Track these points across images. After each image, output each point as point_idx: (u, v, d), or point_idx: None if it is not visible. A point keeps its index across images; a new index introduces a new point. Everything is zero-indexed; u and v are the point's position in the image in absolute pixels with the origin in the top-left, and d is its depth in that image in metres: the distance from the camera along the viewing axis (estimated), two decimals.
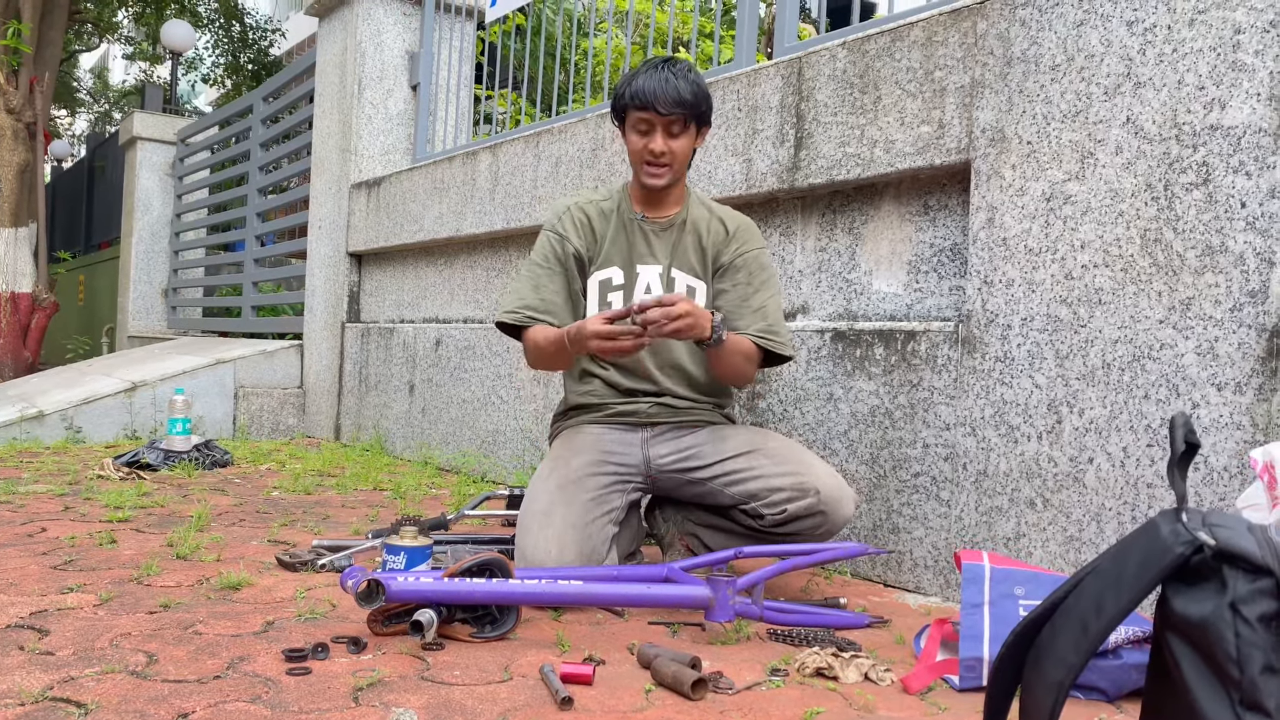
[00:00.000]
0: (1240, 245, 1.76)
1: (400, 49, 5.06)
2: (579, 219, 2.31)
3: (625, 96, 2.17)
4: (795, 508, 2.07)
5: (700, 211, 2.30)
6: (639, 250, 2.28)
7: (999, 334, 2.13)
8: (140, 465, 3.74)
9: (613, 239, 2.29)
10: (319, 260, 5.38)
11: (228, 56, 14.47)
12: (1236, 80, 1.78)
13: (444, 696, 1.48)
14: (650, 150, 2.17)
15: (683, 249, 2.27)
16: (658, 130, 2.16)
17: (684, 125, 2.17)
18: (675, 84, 2.12)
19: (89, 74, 27.05)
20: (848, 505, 2.09)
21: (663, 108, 2.12)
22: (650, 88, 2.12)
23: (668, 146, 2.16)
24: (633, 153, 2.22)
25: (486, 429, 3.89)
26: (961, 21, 2.24)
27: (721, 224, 2.28)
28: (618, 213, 2.31)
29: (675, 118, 2.14)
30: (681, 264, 2.27)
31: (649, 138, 2.17)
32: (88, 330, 10.52)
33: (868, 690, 1.58)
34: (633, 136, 2.20)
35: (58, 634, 1.71)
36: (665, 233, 2.28)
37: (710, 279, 2.27)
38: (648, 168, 2.19)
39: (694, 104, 2.15)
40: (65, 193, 13.87)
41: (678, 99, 2.12)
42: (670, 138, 2.17)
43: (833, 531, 2.11)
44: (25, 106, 8.65)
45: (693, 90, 2.14)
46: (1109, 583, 0.87)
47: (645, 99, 2.13)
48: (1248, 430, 1.74)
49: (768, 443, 2.19)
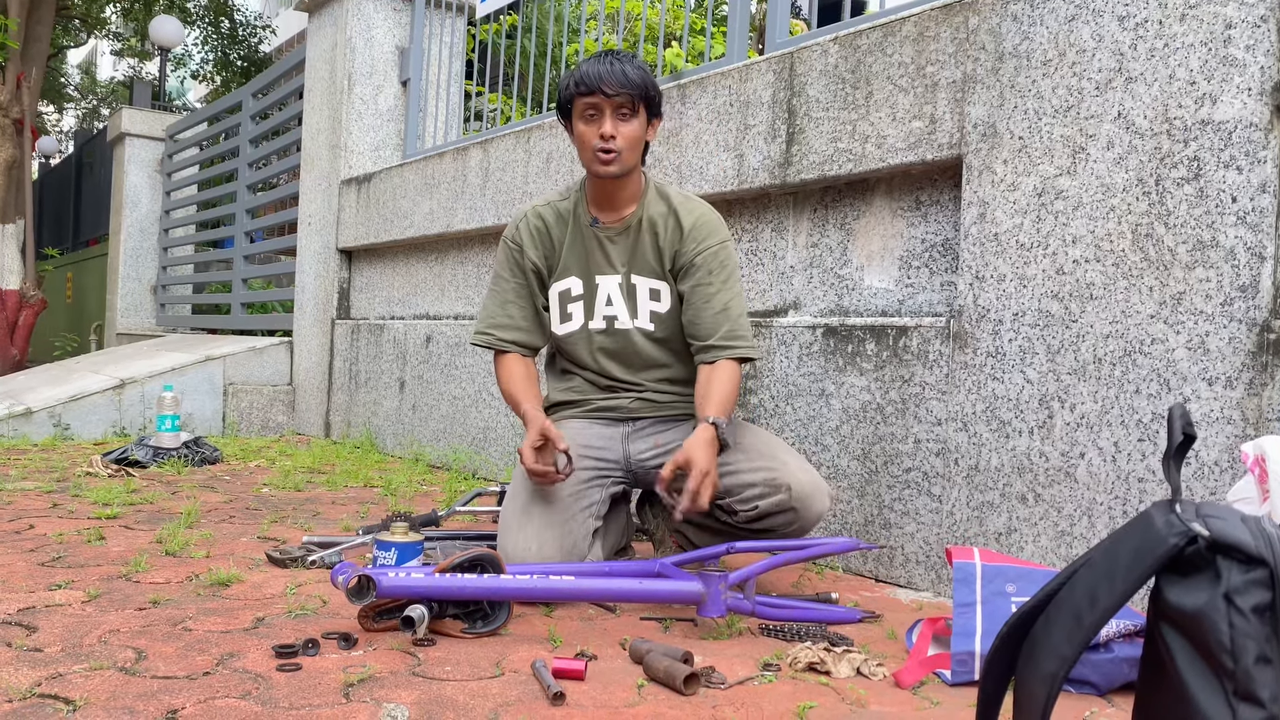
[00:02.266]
0: (1231, 240, 1.76)
1: (390, 44, 5.04)
2: (536, 227, 2.27)
3: (570, 85, 2.12)
4: (766, 504, 2.04)
5: (658, 208, 2.22)
6: (596, 260, 2.23)
7: (990, 329, 2.13)
8: (129, 462, 3.72)
9: (570, 247, 2.25)
10: (309, 257, 5.36)
11: (217, 53, 14.40)
12: (1228, 75, 1.78)
13: (435, 692, 1.47)
14: (600, 134, 2.09)
15: (641, 252, 2.21)
16: (606, 114, 2.09)
17: (633, 109, 2.10)
18: (621, 67, 2.09)
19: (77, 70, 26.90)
20: (820, 501, 2.05)
21: (609, 88, 2.07)
22: (595, 71, 2.08)
23: (617, 130, 2.09)
24: (582, 143, 2.14)
25: (477, 426, 3.88)
26: (953, 16, 2.24)
27: (677, 221, 2.19)
28: (574, 217, 2.25)
29: (623, 99, 2.08)
30: (641, 269, 2.21)
31: (597, 123, 2.10)
32: (76, 327, 10.47)
33: (860, 685, 1.58)
34: (580, 125, 2.13)
35: (46, 630, 1.69)
36: (621, 237, 2.22)
37: (670, 277, 2.21)
38: (599, 155, 2.11)
39: (641, 86, 2.10)
40: (53, 189, 13.80)
41: (624, 80, 2.08)
42: (620, 121, 2.10)
43: (805, 529, 2.07)
44: (12, 102, 8.60)
45: (639, 74, 2.10)
46: (1102, 574, 0.87)
47: (591, 82, 2.08)
48: (1238, 425, 1.74)
49: (744, 438, 2.15)
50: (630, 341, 2.23)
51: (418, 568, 1.86)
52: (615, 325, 2.23)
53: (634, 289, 2.22)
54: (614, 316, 2.23)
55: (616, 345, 2.24)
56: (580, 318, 2.25)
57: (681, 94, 2.95)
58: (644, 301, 2.22)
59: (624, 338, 2.23)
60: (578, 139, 2.15)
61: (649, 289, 2.22)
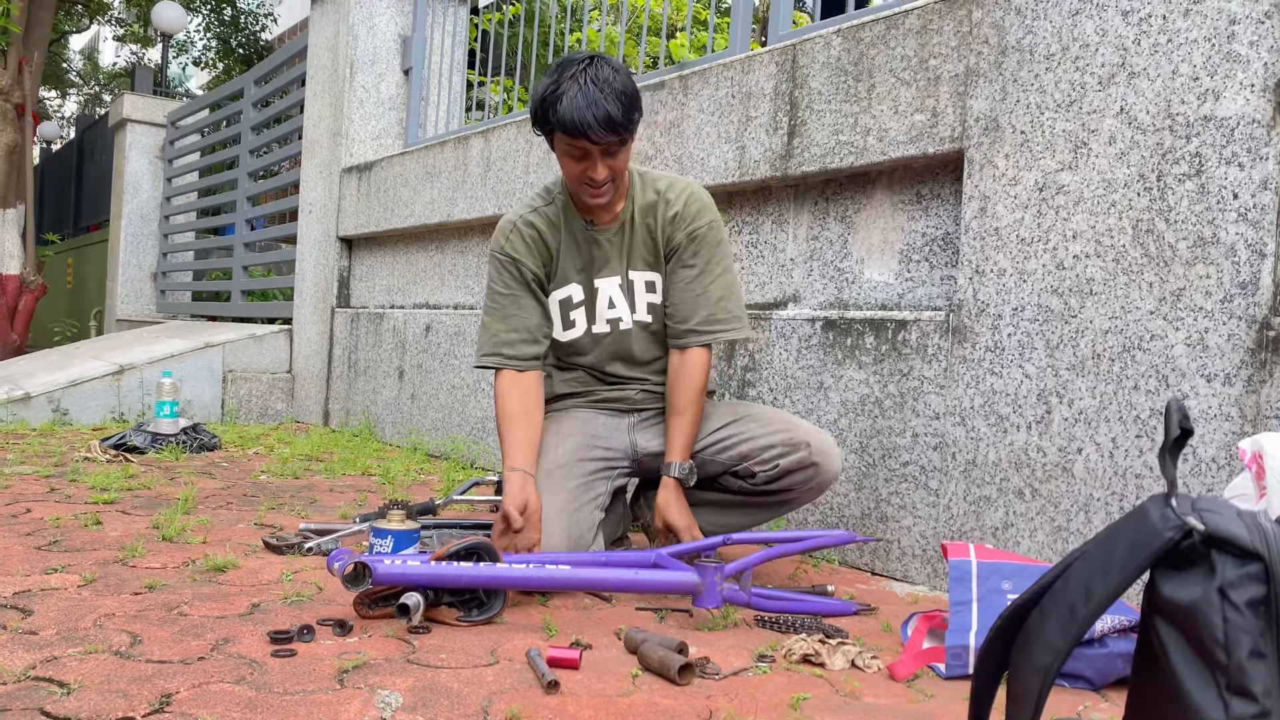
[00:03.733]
0: (1232, 236, 1.76)
1: (393, 33, 5.03)
2: (530, 236, 2.20)
3: (552, 121, 1.98)
4: (787, 462, 2.08)
5: (648, 197, 2.18)
6: (596, 263, 2.20)
7: (990, 324, 2.13)
8: (127, 448, 3.72)
9: (565, 252, 2.21)
10: (309, 245, 5.36)
11: (219, 40, 14.38)
12: (1231, 71, 1.77)
13: (430, 679, 1.47)
14: (590, 178, 2.02)
15: (636, 247, 2.19)
16: (595, 157, 2.00)
17: (621, 143, 2.01)
18: (605, 107, 1.94)
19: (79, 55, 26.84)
20: (836, 459, 2.11)
21: (597, 137, 1.95)
22: (579, 117, 1.93)
23: (608, 168, 2.02)
24: (570, 176, 2.07)
25: (476, 415, 3.88)
26: (957, 10, 2.23)
27: (668, 205, 2.16)
28: (564, 221, 2.20)
29: (611, 143, 1.99)
30: (636, 263, 2.20)
31: (586, 163, 2.02)
32: (76, 313, 10.46)
33: (854, 677, 1.58)
34: (567, 161, 2.04)
35: (41, 614, 1.69)
36: (617, 236, 2.19)
37: (664, 266, 2.20)
38: (588, 189, 2.05)
39: (627, 123, 1.98)
40: (54, 175, 13.79)
41: (610, 125, 1.95)
42: (609, 158, 2.01)
43: (824, 485, 2.12)
44: (14, 87, 8.59)
45: (623, 107, 1.97)
46: (1097, 567, 0.87)
47: (577, 129, 1.94)
48: (1236, 421, 1.74)
49: (749, 410, 2.22)
50: (631, 339, 2.23)
51: (414, 555, 1.86)
52: (619, 327, 2.23)
53: (632, 285, 2.22)
54: (617, 319, 2.23)
55: (620, 345, 2.24)
56: (583, 323, 2.24)
57: (683, 85, 2.95)
58: (641, 295, 2.22)
59: (625, 338, 2.23)
60: (563, 165, 2.07)
61: (645, 282, 2.22)
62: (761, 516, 2.25)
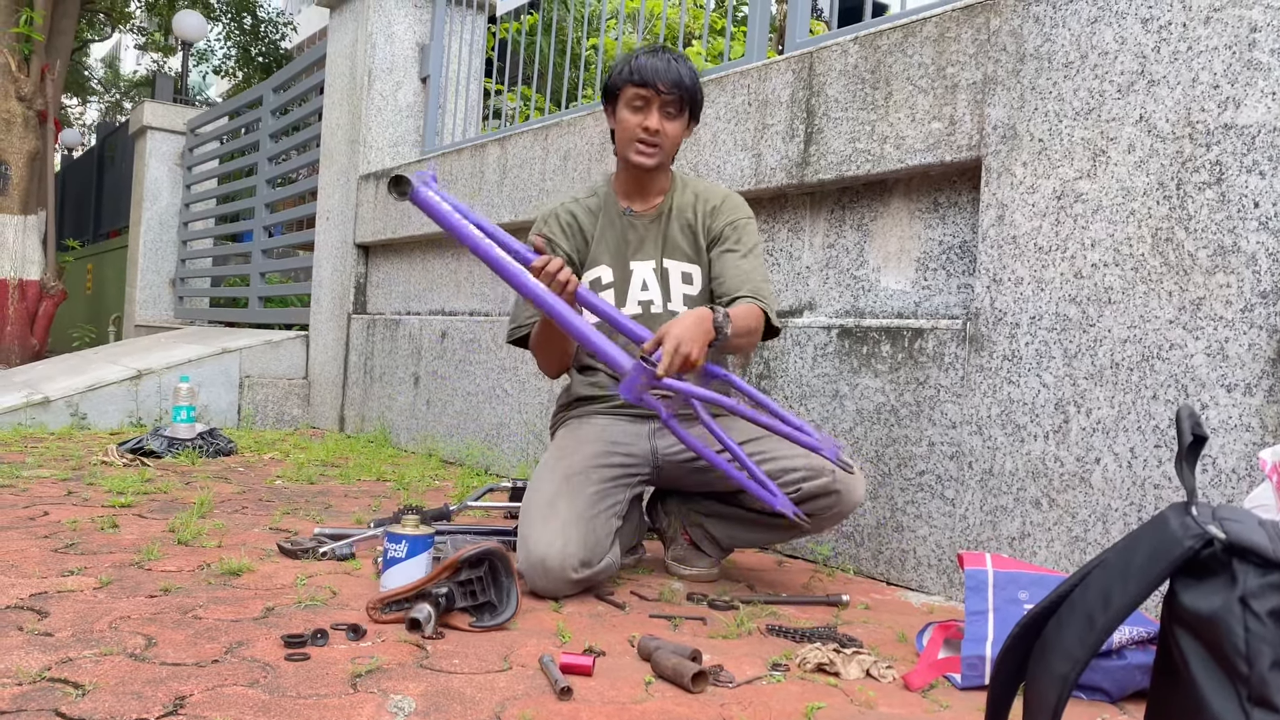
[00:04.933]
0: (1253, 245, 1.74)
1: (411, 41, 5.05)
2: (566, 221, 2.31)
3: (624, 73, 2.17)
4: (811, 486, 2.07)
5: (686, 196, 2.29)
6: (631, 246, 2.27)
7: (1007, 332, 2.12)
8: (144, 452, 3.74)
9: (601, 237, 2.28)
10: (326, 251, 5.38)
11: (239, 48, 14.49)
12: (1251, 79, 1.76)
13: (443, 684, 1.47)
14: (645, 127, 2.16)
15: (673, 237, 2.27)
16: (654, 108, 2.16)
17: (679, 109, 2.18)
18: (676, 67, 2.15)
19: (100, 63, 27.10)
20: (860, 487, 2.10)
21: (663, 86, 2.14)
22: (652, 65, 2.14)
23: (662, 126, 2.17)
24: (624, 130, 2.20)
25: (491, 422, 3.89)
26: (975, 18, 2.23)
27: (707, 201, 2.28)
28: (604, 209, 2.30)
29: (673, 98, 2.15)
30: (673, 253, 2.26)
31: (644, 114, 2.17)
32: (94, 319, 10.54)
33: (869, 686, 1.57)
34: (626, 113, 2.18)
35: (57, 615, 1.70)
36: (654, 224, 2.27)
37: (704, 256, 2.26)
38: (639, 145, 2.18)
39: (691, 89, 2.18)
40: (75, 181, 13.90)
41: (677, 80, 2.15)
42: (666, 119, 2.17)
43: (845, 513, 2.11)
44: (36, 94, 8.66)
45: (691, 76, 2.17)
46: (1116, 576, 0.86)
47: (646, 76, 2.14)
48: (1257, 432, 1.72)
49: None
50: (661, 325, 2.23)
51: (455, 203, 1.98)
52: (651, 310, 2.24)
53: (667, 273, 2.26)
54: (650, 301, 2.25)
55: (651, 329, 2.24)
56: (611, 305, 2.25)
57: None
58: (677, 285, 2.25)
59: (657, 323, 2.23)
60: (620, 124, 2.21)
61: (681, 273, 2.25)
62: (780, 536, 2.25)
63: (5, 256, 8.59)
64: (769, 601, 2.06)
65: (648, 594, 2.09)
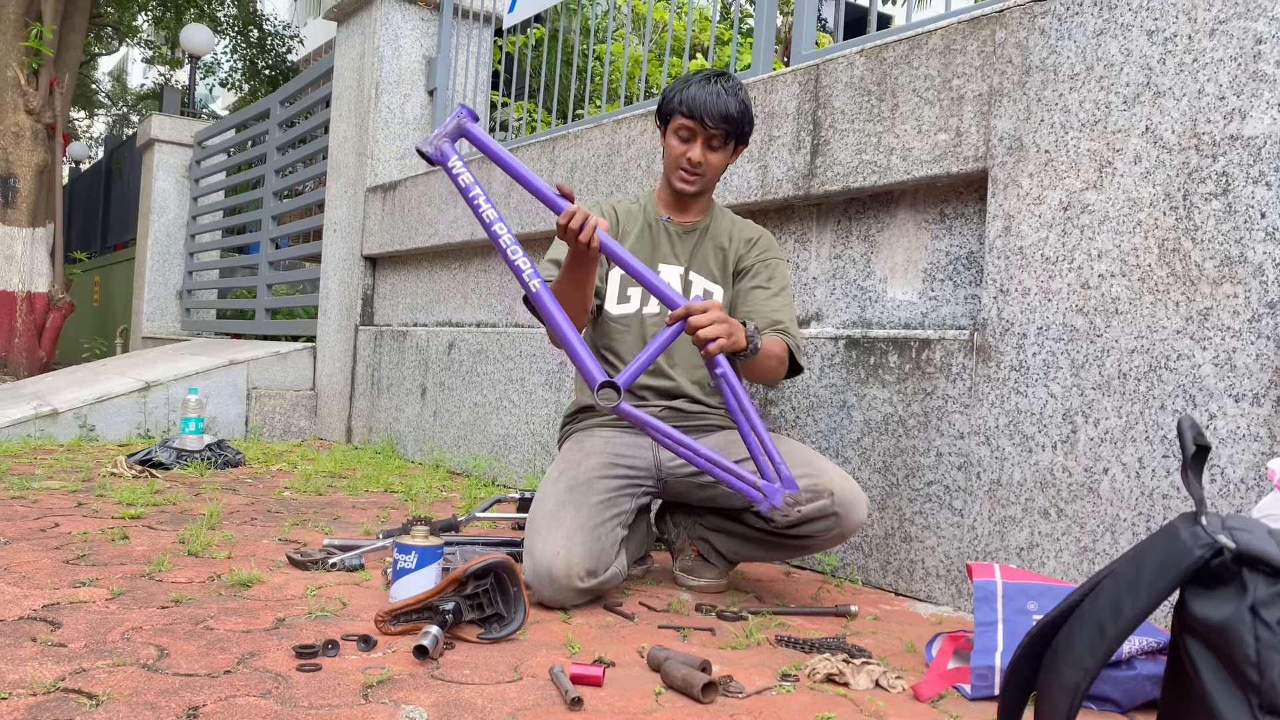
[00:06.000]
0: (1259, 256, 1.75)
1: (418, 54, 5.08)
2: (606, 211, 2.34)
3: (675, 101, 2.19)
4: (809, 509, 2.06)
5: (724, 222, 2.34)
6: (661, 250, 2.30)
7: (1014, 343, 2.12)
8: (153, 464, 3.75)
9: (637, 235, 2.31)
10: (333, 263, 5.40)
11: (245, 61, 14.55)
12: (1257, 90, 1.77)
13: (454, 695, 1.48)
14: (688, 159, 2.20)
15: (702, 254, 2.30)
16: (699, 140, 2.19)
17: (724, 141, 2.20)
18: (725, 100, 2.16)
19: (108, 77, 27.25)
20: (861, 509, 2.08)
21: (710, 121, 2.16)
22: (701, 99, 2.15)
23: (705, 159, 2.20)
24: (670, 158, 2.25)
25: (498, 433, 3.89)
26: (980, 30, 2.24)
27: (743, 231, 2.33)
28: (644, 212, 2.34)
29: (718, 133, 2.18)
30: (700, 268, 2.29)
31: (689, 145, 2.20)
32: (102, 331, 10.58)
33: (879, 697, 1.57)
34: (673, 141, 2.23)
35: (70, 627, 1.71)
36: (688, 236, 2.31)
37: (729, 283, 2.29)
38: (682, 173, 2.23)
39: (739, 122, 2.19)
40: (83, 194, 13.97)
41: (725, 115, 2.16)
42: (709, 150, 2.21)
43: (845, 535, 2.10)
44: (45, 108, 8.71)
45: (740, 109, 2.18)
46: (1127, 585, 0.86)
47: (694, 108, 2.15)
48: (1265, 442, 1.72)
49: (780, 446, 2.17)
50: None
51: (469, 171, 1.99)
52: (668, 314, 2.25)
53: (690, 285, 2.28)
54: None
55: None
56: (637, 301, 2.28)
57: None
58: (698, 298, 2.24)
59: None
60: (667, 150, 2.25)
61: (704, 289, 2.28)
62: (781, 555, 2.26)
63: (13, 269, 8.63)
64: (777, 613, 2.07)
65: (656, 605, 2.09)
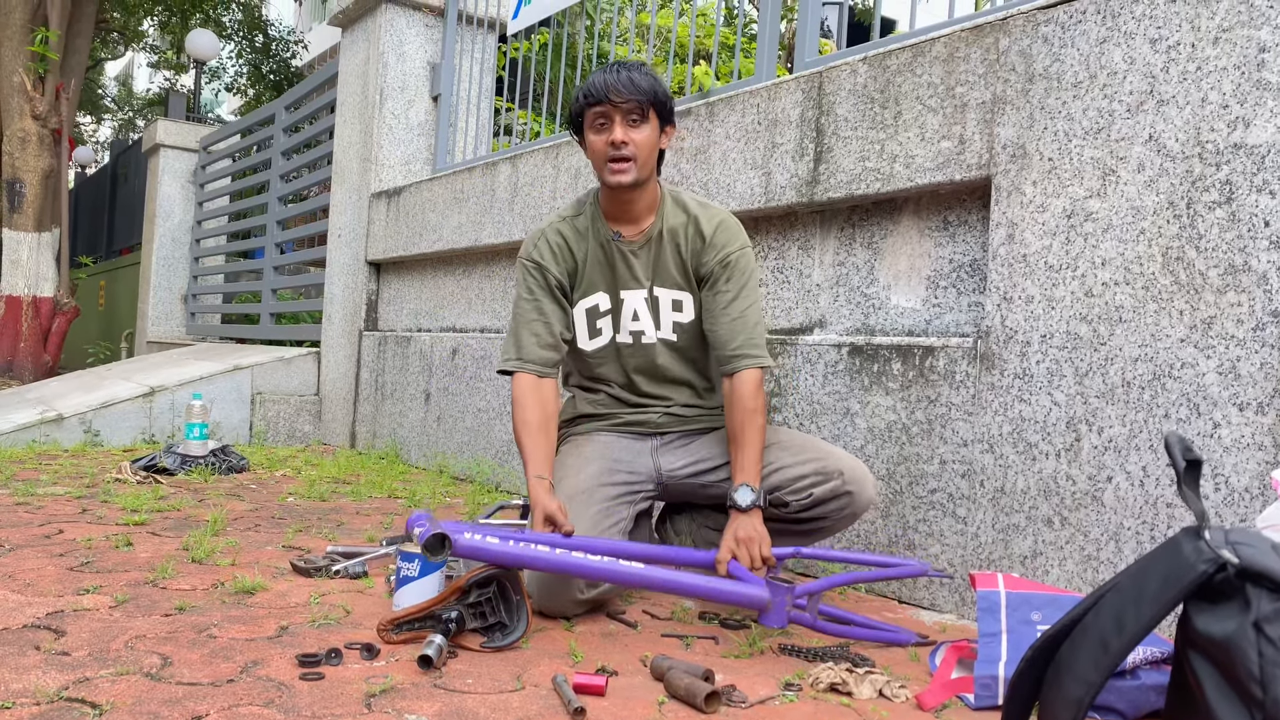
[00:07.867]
0: (1263, 264, 1.75)
1: (422, 60, 5.09)
2: (556, 244, 2.24)
3: (579, 97, 2.12)
4: (821, 491, 2.08)
5: (677, 218, 2.21)
6: (620, 274, 2.22)
7: (1018, 350, 2.12)
8: (157, 469, 3.76)
9: (592, 263, 2.24)
10: (338, 268, 5.41)
11: (251, 66, 14.59)
12: (1261, 99, 1.77)
13: (457, 704, 1.48)
14: (611, 141, 2.09)
15: (664, 264, 2.21)
16: (616, 121, 2.08)
17: (643, 114, 2.10)
18: (627, 74, 2.08)
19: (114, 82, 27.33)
20: (870, 486, 2.10)
21: (616, 96, 2.06)
22: (602, 80, 2.08)
23: (628, 136, 2.08)
24: (594, 154, 2.13)
25: (502, 438, 3.89)
26: (984, 38, 2.24)
27: (698, 228, 2.19)
28: (593, 231, 2.24)
29: (632, 105, 2.07)
30: (664, 281, 2.22)
31: (607, 131, 2.10)
32: (107, 335, 10.60)
33: (882, 706, 1.56)
34: (591, 136, 2.12)
35: (74, 634, 1.71)
36: (644, 250, 2.21)
37: (695, 288, 2.22)
38: (610, 165, 2.10)
39: (649, 91, 2.09)
40: (88, 199, 13.99)
41: (631, 86, 2.07)
42: (631, 128, 2.09)
43: (859, 512, 2.11)
44: (51, 113, 8.74)
45: (647, 80, 2.09)
46: (1130, 600, 0.86)
47: (598, 91, 2.08)
48: (1269, 450, 1.72)
49: (779, 437, 2.20)
50: (655, 354, 2.24)
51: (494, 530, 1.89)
52: (642, 340, 2.24)
53: (657, 301, 2.23)
54: (640, 331, 2.24)
55: (643, 359, 2.25)
56: (609, 332, 2.26)
57: (710, 112, 2.97)
58: (667, 313, 2.23)
59: (649, 351, 2.24)
60: (590, 150, 2.15)
61: (671, 300, 2.23)
62: (794, 541, 2.25)
63: (19, 273, 8.66)
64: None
65: (659, 613, 2.09)
